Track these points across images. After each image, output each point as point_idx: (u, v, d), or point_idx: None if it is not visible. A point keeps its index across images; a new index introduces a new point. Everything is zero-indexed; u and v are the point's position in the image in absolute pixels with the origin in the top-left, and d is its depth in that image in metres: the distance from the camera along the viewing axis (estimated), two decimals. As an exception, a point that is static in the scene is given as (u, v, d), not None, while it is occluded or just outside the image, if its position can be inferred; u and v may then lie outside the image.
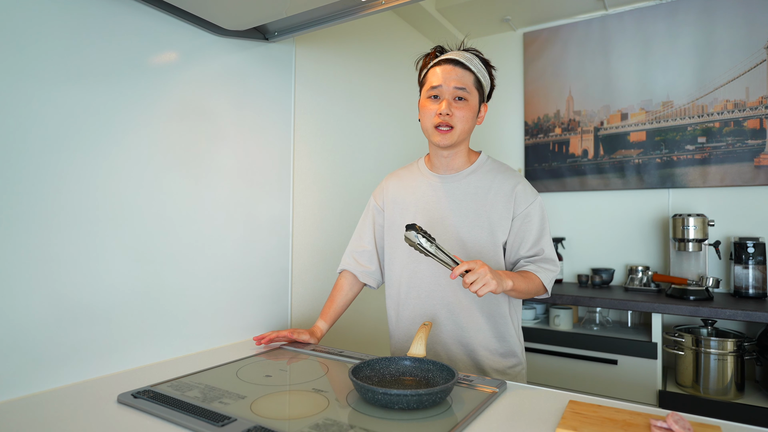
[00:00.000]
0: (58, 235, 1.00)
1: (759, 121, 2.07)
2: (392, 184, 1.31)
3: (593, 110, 2.44)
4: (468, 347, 1.17)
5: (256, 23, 1.36)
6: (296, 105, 1.68)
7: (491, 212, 1.16)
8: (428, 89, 1.15)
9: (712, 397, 1.75)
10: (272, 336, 1.27)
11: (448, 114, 1.11)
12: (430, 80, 1.15)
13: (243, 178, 1.46)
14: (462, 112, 1.13)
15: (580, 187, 2.46)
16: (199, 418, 0.80)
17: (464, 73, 1.13)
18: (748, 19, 2.09)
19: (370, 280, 1.33)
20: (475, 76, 1.15)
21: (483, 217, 1.16)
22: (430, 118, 1.15)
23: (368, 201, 1.37)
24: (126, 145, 1.13)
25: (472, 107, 1.15)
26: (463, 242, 1.16)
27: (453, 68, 1.13)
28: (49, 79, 0.99)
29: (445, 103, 1.12)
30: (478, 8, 2.42)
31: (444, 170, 1.23)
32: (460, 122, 1.13)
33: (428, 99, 1.15)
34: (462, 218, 1.17)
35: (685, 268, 2.08)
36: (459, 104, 1.13)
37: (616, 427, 0.74)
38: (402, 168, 1.35)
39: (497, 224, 1.16)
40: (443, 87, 1.13)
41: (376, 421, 0.79)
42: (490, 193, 1.17)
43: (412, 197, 1.24)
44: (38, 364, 0.96)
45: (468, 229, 1.16)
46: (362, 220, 1.37)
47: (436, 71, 1.15)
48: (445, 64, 1.14)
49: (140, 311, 1.15)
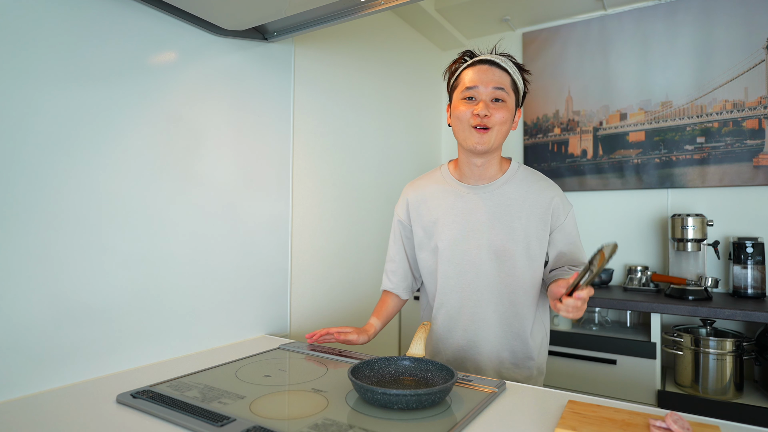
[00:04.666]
0: (58, 235, 1.00)
1: (758, 122, 2.07)
2: (415, 196, 1.23)
3: (592, 110, 2.44)
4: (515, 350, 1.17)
5: (255, 23, 1.36)
6: (295, 105, 1.68)
7: (528, 225, 1.11)
8: (462, 90, 1.09)
9: (711, 396, 1.75)
10: (323, 332, 1.21)
11: (486, 115, 1.05)
12: (465, 81, 1.09)
13: (242, 178, 1.46)
14: (501, 114, 1.06)
15: (579, 187, 2.47)
16: (199, 418, 0.80)
17: (502, 74, 1.08)
18: (747, 20, 2.10)
19: (409, 293, 1.32)
20: (512, 78, 1.10)
21: (519, 230, 1.11)
22: (465, 119, 1.07)
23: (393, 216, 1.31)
24: (125, 145, 1.13)
25: (510, 109, 1.09)
26: (498, 255, 1.12)
27: (490, 68, 1.08)
28: (49, 79, 0.99)
29: (483, 104, 1.05)
30: (477, 8, 2.42)
31: (476, 180, 1.15)
32: (498, 124, 1.06)
33: (462, 101, 1.08)
34: (497, 231, 1.11)
35: (684, 268, 2.08)
36: (497, 105, 1.06)
37: (615, 426, 0.74)
38: (422, 177, 1.27)
39: (534, 237, 1.11)
40: (480, 88, 1.06)
41: (375, 421, 0.79)
42: (526, 204, 1.12)
43: (441, 210, 1.17)
44: (37, 364, 0.96)
45: (503, 242, 1.11)
46: (391, 239, 1.32)
47: (471, 71, 1.09)
48: (481, 64, 1.09)
49: (139, 311, 1.15)
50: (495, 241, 1.12)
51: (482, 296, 1.14)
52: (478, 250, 1.13)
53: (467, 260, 1.14)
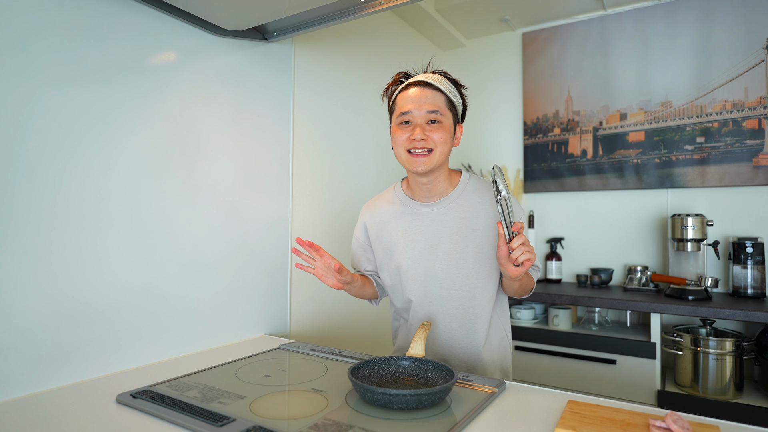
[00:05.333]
0: (58, 235, 1.00)
1: (758, 122, 2.08)
2: (372, 219, 1.23)
3: (592, 110, 2.44)
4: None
5: (255, 23, 1.36)
6: (295, 105, 1.68)
7: (483, 235, 1.12)
8: (398, 115, 1.08)
9: (710, 396, 1.75)
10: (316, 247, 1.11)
11: (423, 139, 1.05)
12: (400, 106, 1.08)
13: (242, 178, 1.46)
14: (438, 134, 1.06)
15: (579, 187, 2.47)
16: (198, 418, 0.80)
17: (435, 95, 1.07)
18: (746, 20, 2.10)
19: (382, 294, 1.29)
20: (447, 97, 1.09)
21: (476, 241, 1.12)
22: (402, 144, 1.07)
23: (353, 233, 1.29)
24: (125, 145, 1.13)
25: (448, 128, 1.08)
26: (457, 269, 1.13)
27: (422, 90, 1.07)
28: (48, 79, 0.99)
29: (419, 129, 1.05)
30: (477, 8, 2.42)
31: (427, 197, 1.16)
32: (438, 144, 1.06)
33: (399, 126, 1.08)
34: (454, 245, 1.13)
35: (684, 268, 2.08)
36: (433, 127, 1.06)
37: (615, 426, 0.74)
38: (377, 198, 1.26)
39: (491, 247, 1.13)
40: (414, 112, 1.06)
41: (375, 421, 0.79)
42: (480, 215, 1.13)
43: (399, 230, 1.18)
44: (37, 364, 0.96)
45: (461, 255, 1.13)
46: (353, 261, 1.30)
47: (405, 96, 1.08)
48: (414, 87, 1.08)
49: (139, 311, 1.15)
50: (455, 255, 1.13)
51: (447, 309, 1.15)
52: (440, 265, 1.14)
53: (430, 276, 1.15)
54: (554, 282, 2.43)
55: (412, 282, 1.17)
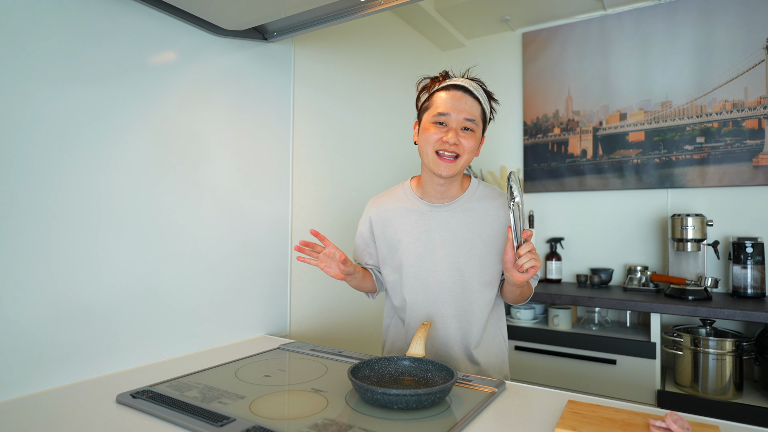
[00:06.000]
0: (58, 236, 1.00)
1: (757, 122, 2.08)
2: (377, 214, 1.24)
3: (592, 110, 2.44)
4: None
5: (255, 23, 1.36)
6: (295, 105, 1.68)
7: (488, 241, 1.14)
8: (435, 114, 1.08)
9: (710, 396, 1.75)
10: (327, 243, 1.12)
11: (455, 144, 1.06)
12: (438, 105, 1.08)
13: (242, 178, 1.46)
14: (469, 142, 1.07)
15: (578, 187, 2.47)
16: (198, 418, 0.80)
17: (474, 104, 1.08)
18: (746, 20, 2.10)
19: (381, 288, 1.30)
20: (482, 108, 1.10)
21: (480, 246, 1.14)
22: (432, 143, 1.08)
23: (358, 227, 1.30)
24: (125, 145, 1.13)
25: (478, 138, 1.10)
26: (460, 272, 1.14)
27: (463, 96, 1.07)
28: (49, 79, 0.99)
29: (453, 133, 1.06)
30: (477, 8, 2.42)
31: (438, 199, 1.17)
32: (466, 152, 1.08)
33: (433, 124, 1.08)
34: (458, 248, 1.14)
35: (684, 268, 2.08)
36: (465, 134, 1.08)
37: (614, 426, 0.74)
38: (385, 195, 1.28)
39: (495, 253, 1.14)
40: (452, 116, 1.06)
41: (375, 421, 0.79)
42: (486, 221, 1.15)
43: (404, 228, 1.18)
44: (37, 364, 0.96)
45: (465, 259, 1.13)
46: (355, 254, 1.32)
47: (443, 96, 1.08)
48: (455, 90, 1.08)
49: (139, 311, 1.15)
50: (458, 258, 1.14)
51: (446, 311, 1.16)
52: (441, 266, 1.15)
53: (431, 276, 1.16)
54: (554, 282, 2.43)
55: (413, 280, 1.17)
